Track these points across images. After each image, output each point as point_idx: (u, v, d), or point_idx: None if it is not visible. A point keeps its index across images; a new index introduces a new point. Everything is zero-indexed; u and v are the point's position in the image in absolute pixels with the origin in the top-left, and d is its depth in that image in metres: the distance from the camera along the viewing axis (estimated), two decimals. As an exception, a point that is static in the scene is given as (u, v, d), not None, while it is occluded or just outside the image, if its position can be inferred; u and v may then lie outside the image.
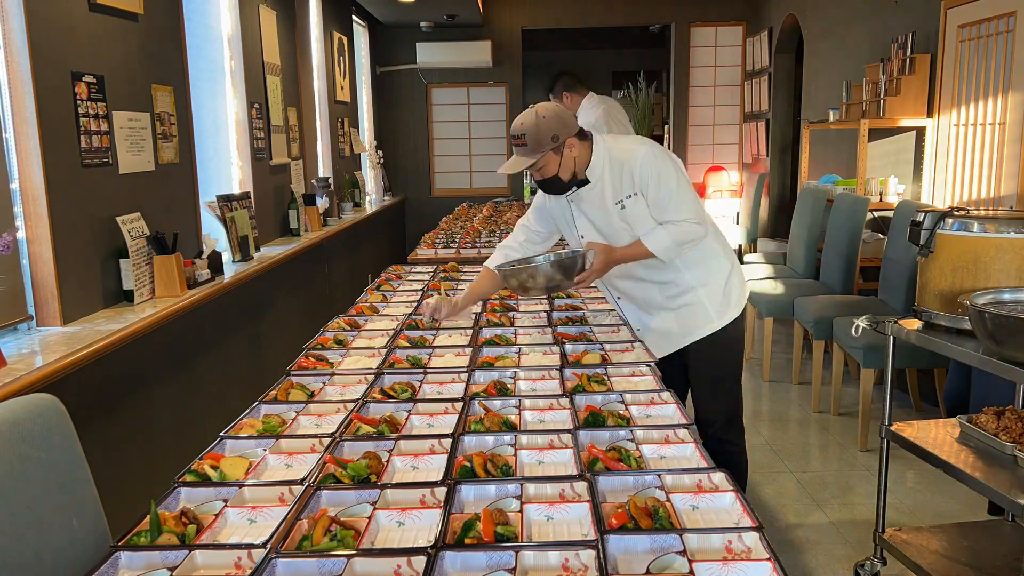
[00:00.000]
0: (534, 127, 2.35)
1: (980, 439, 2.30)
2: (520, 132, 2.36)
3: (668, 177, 2.41)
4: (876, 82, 5.02)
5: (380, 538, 1.39)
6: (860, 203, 4.54)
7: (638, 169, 2.41)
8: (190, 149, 3.59)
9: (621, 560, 1.29)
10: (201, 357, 3.38)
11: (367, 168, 7.81)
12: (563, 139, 2.37)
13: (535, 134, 2.35)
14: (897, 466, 3.48)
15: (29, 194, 2.50)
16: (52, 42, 2.57)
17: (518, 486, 1.50)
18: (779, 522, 3.06)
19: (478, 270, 3.70)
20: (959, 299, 2.24)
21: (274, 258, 4.10)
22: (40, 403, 1.45)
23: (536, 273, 2.42)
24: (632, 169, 2.42)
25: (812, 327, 4.20)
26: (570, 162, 2.41)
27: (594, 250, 2.44)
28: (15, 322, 2.45)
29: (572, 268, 2.42)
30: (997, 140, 4.15)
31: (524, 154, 2.38)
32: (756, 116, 8.27)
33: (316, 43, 5.94)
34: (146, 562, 1.28)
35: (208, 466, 1.61)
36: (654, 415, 1.88)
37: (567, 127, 2.38)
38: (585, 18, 8.53)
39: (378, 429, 1.78)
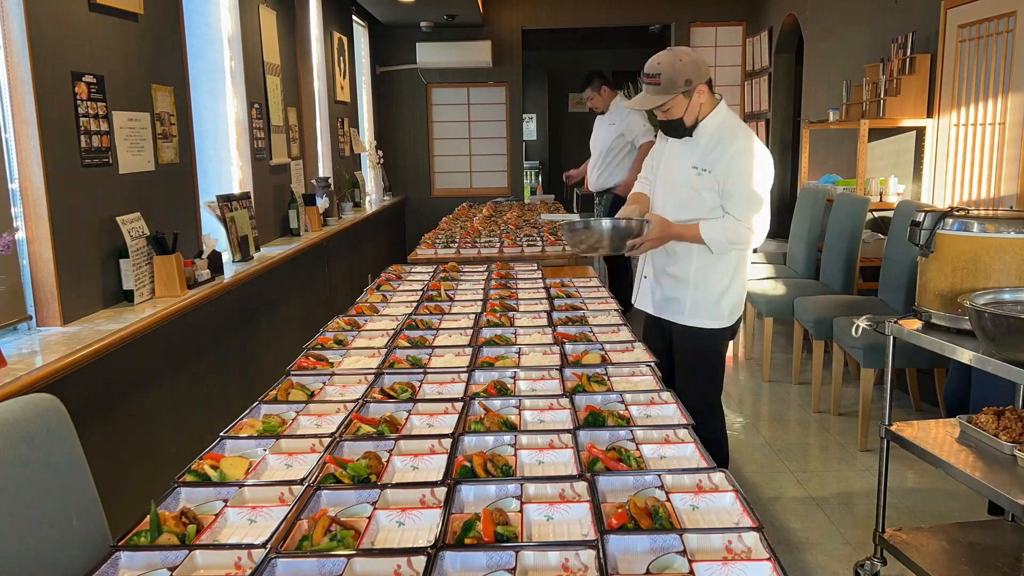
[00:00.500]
0: (671, 67, 2.44)
1: (980, 439, 2.30)
2: (656, 71, 2.44)
3: (751, 177, 2.52)
4: (876, 82, 5.02)
5: (380, 538, 1.39)
6: (860, 203, 4.54)
7: (733, 156, 2.52)
8: (190, 149, 3.59)
9: (621, 560, 1.29)
10: (201, 357, 3.38)
11: (367, 168, 7.81)
12: (695, 84, 2.47)
13: (671, 74, 2.43)
14: (897, 466, 3.48)
15: (29, 194, 2.50)
16: (52, 42, 2.57)
17: (518, 486, 1.50)
18: (779, 522, 3.06)
19: (478, 270, 3.71)
20: (959, 299, 2.24)
21: (274, 258, 4.10)
22: (40, 403, 1.45)
23: (604, 237, 2.56)
24: (727, 150, 2.52)
25: (812, 327, 4.20)
26: (696, 108, 2.52)
27: (652, 222, 2.54)
28: (15, 322, 2.45)
29: (630, 234, 2.54)
30: (997, 140, 4.15)
31: (656, 92, 2.47)
32: (756, 116, 8.27)
33: (316, 43, 5.94)
34: (146, 562, 1.28)
35: (208, 466, 1.61)
36: (654, 415, 1.88)
37: (701, 73, 2.48)
38: (585, 18, 8.53)
39: (378, 429, 1.78)
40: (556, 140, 12.94)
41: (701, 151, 2.57)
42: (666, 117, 2.55)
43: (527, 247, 4.39)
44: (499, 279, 3.48)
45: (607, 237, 2.58)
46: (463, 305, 3.00)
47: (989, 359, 2.08)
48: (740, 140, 2.55)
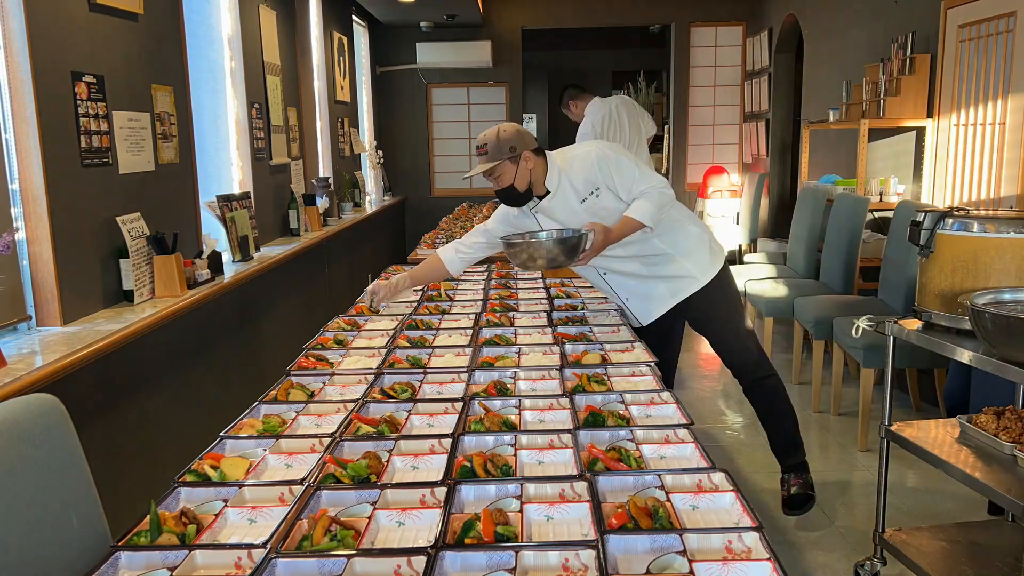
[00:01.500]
0: (495, 138, 2.62)
1: (980, 439, 2.30)
2: (482, 142, 2.64)
3: (624, 162, 2.67)
4: (876, 82, 5.02)
5: (380, 538, 1.39)
6: (860, 203, 4.54)
7: (597, 167, 2.65)
8: (190, 149, 3.59)
9: (621, 560, 1.29)
10: (201, 357, 3.38)
11: (367, 168, 7.81)
12: (520, 151, 2.62)
13: (495, 144, 2.61)
14: (897, 466, 3.48)
15: (29, 194, 2.50)
16: (52, 42, 2.57)
17: (518, 486, 1.50)
18: (779, 522, 3.06)
19: (478, 270, 3.70)
20: (959, 299, 2.24)
21: (274, 258, 4.10)
22: (40, 403, 1.45)
23: (541, 249, 2.59)
24: (591, 169, 2.66)
25: (812, 327, 4.20)
26: (526, 173, 2.64)
27: (594, 231, 2.58)
28: (15, 322, 2.44)
29: (576, 247, 2.57)
30: (997, 140, 4.15)
31: (484, 161, 2.63)
32: (756, 116, 8.27)
33: (316, 43, 5.94)
34: (146, 562, 1.28)
35: (208, 466, 1.61)
36: (654, 415, 1.88)
37: (525, 142, 2.63)
38: (585, 18, 8.53)
39: (378, 429, 1.79)
40: (556, 140, 12.93)
41: (573, 190, 2.68)
42: (499, 185, 2.66)
43: (527, 247, 4.38)
44: (499, 279, 3.48)
45: (548, 251, 2.58)
46: (463, 305, 3.00)
47: (989, 359, 2.08)
48: (590, 153, 2.69)
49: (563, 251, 2.56)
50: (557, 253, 2.56)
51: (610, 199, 2.67)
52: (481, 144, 2.65)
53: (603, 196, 2.67)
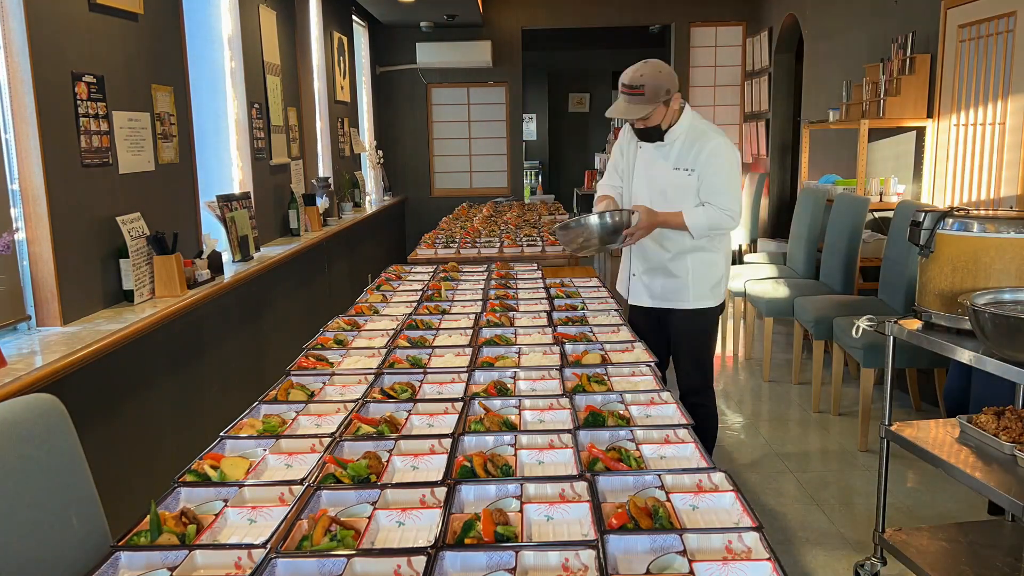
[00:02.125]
0: (654, 79, 2.63)
1: (980, 439, 2.30)
2: (639, 83, 2.63)
3: (727, 170, 2.78)
4: (876, 82, 5.02)
5: (380, 538, 1.38)
6: (860, 203, 4.54)
7: (709, 153, 2.75)
8: (190, 149, 3.59)
9: (621, 560, 1.29)
10: (201, 357, 3.38)
11: (367, 168, 7.81)
12: (672, 94, 2.69)
13: (654, 86, 2.63)
14: (897, 466, 3.48)
15: (29, 194, 2.49)
16: (52, 42, 2.57)
17: (518, 486, 1.50)
18: (779, 522, 3.06)
19: (478, 270, 3.71)
20: (959, 299, 2.24)
21: (274, 258, 4.10)
22: (40, 403, 1.45)
23: (593, 232, 2.68)
24: (703, 149, 2.75)
25: (812, 327, 4.20)
26: (672, 115, 2.74)
27: (639, 212, 2.70)
28: (15, 322, 2.44)
29: (621, 226, 2.66)
30: (997, 140, 4.15)
31: (640, 103, 2.66)
32: (756, 116, 8.27)
33: (316, 43, 5.94)
34: (146, 562, 1.28)
35: (208, 466, 1.61)
36: (654, 415, 1.88)
37: (675, 84, 2.72)
38: (585, 18, 8.53)
39: (378, 429, 1.78)
40: (556, 140, 12.94)
41: (677, 153, 2.79)
42: (645, 125, 2.74)
43: (527, 247, 4.39)
44: (499, 279, 3.48)
45: (598, 232, 2.69)
46: (463, 305, 3.00)
47: (989, 359, 2.08)
48: (713, 138, 2.78)
49: (608, 229, 2.66)
50: (600, 231, 2.66)
51: (690, 183, 2.77)
52: (636, 84, 2.63)
53: (688, 177, 2.76)
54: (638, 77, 2.64)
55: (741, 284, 5.10)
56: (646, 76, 2.63)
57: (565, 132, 12.96)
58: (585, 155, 12.79)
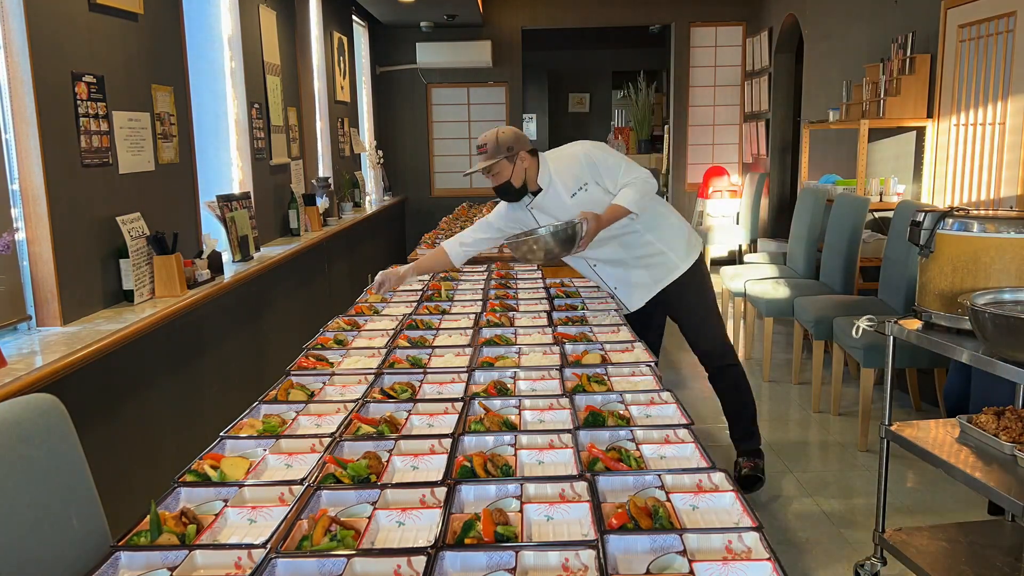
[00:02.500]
0: (494, 139, 2.88)
1: (980, 439, 2.30)
2: (483, 142, 2.90)
3: (609, 156, 2.93)
4: (876, 82, 5.02)
5: (380, 538, 1.38)
6: (860, 203, 4.54)
7: (585, 163, 2.90)
8: (190, 149, 3.59)
9: (621, 560, 1.29)
10: (201, 357, 3.38)
11: (367, 168, 7.81)
12: (516, 151, 2.87)
13: (494, 144, 2.87)
14: (897, 466, 3.48)
15: (29, 194, 2.50)
16: (52, 42, 2.57)
17: (518, 486, 1.50)
18: (779, 522, 3.06)
19: (478, 270, 3.71)
20: (959, 299, 2.24)
21: (274, 258, 4.10)
22: (40, 403, 1.45)
23: (539, 243, 2.79)
24: (579, 165, 2.90)
25: (812, 327, 4.20)
26: (521, 171, 2.90)
27: (586, 219, 2.78)
28: (15, 322, 2.45)
29: (573, 237, 2.77)
30: (997, 140, 4.15)
31: (484, 159, 2.88)
32: (756, 116, 8.27)
33: (316, 43, 5.94)
34: (146, 562, 1.28)
35: (208, 466, 1.61)
36: (654, 415, 1.88)
37: (520, 143, 2.89)
38: (585, 18, 8.53)
39: (378, 429, 1.78)
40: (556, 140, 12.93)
41: (563, 185, 2.91)
42: (497, 181, 2.91)
43: (527, 247, 4.38)
44: (499, 279, 3.48)
45: (551, 243, 2.78)
46: (463, 305, 3.00)
47: (989, 359, 2.08)
48: (577, 151, 2.95)
49: (560, 242, 2.76)
50: (555, 244, 2.77)
51: (598, 192, 2.90)
52: (481, 144, 2.90)
53: (591, 190, 2.90)
54: (482, 138, 2.92)
55: (741, 284, 5.10)
56: (487, 137, 2.90)
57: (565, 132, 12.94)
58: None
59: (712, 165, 8.70)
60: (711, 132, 8.75)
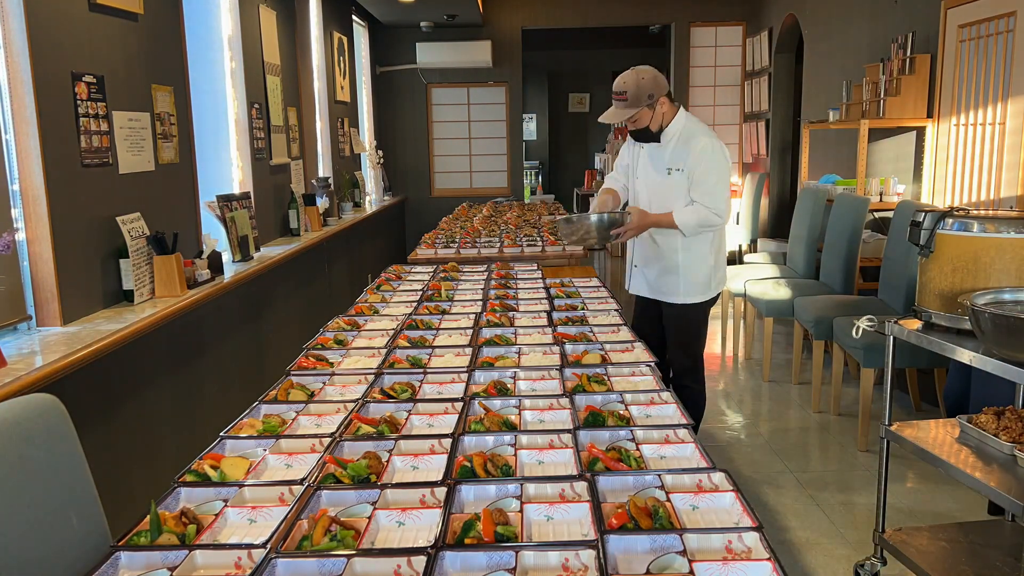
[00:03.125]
0: (635, 85, 2.88)
1: (980, 439, 2.30)
2: (622, 89, 2.89)
3: (715, 171, 2.96)
4: (876, 82, 5.02)
5: (380, 538, 1.38)
6: (860, 203, 4.54)
7: (697, 153, 2.94)
8: (190, 149, 3.59)
9: (621, 560, 1.29)
10: (201, 357, 3.38)
11: (367, 168, 7.81)
12: (657, 98, 2.91)
13: (635, 91, 2.88)
14: (897, 466, 3.48)
15: (29, 194, 2.50)
16: (52, 42, 2.57)
17: (518, 486, 1.50)
18: (779, 522, 3.06)
19: (478, 270, 3.71)
20: (959, 299, 2.24)
21: (274, 258, 4.10)
22: (40, 403, 1.45)
23: (591, 228, 2.98)
24: (693, 150, 2.95)
25: (812, 327, 4.20)
26: (659, 117, 2.96)
27: (632, 213, 2.97)
28: (15, 322, 2.44)
29: (617, 224, 2.96)
30: (997, 141, 4.15)
31: (624, 107, 2.90)
32: (756, 116, 8.27)
33: (316, 43, 5.94)
34: (146, 562, 1.28)
35: (208, 466, 1.61)
36: (654, 415, 1.88)
37: (660, 88, 2.92)
38: (585, 18, 8.53)
39: (378, 429, 1.78)
40: (556, 140, 12.94)
41: (670, 153, 3.01)
42: (635, 126, 2.99)
43: (527, 247, 4.39)
44: (499, 279, 3.48)
45: (596, 228, 2.98)
46: (463, 305, 3.00)
47: (989, 359, 2.08)
48: (703, 139, 2.97)
49: (604, 227, 2.97)
50: (596, 229, 2.97)
51: (683, 183, 2.99)
52: (620, 91, 2.90)
53: (680, 177, 2.98)
54: (621, 84, 2.90)
55: (741, 284, 5.10)
56: (628, 82, 2.88)
57: (565, 132, 12.95)
58: (585, 155, 12.79)
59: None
60: (711, 132, 8.74)
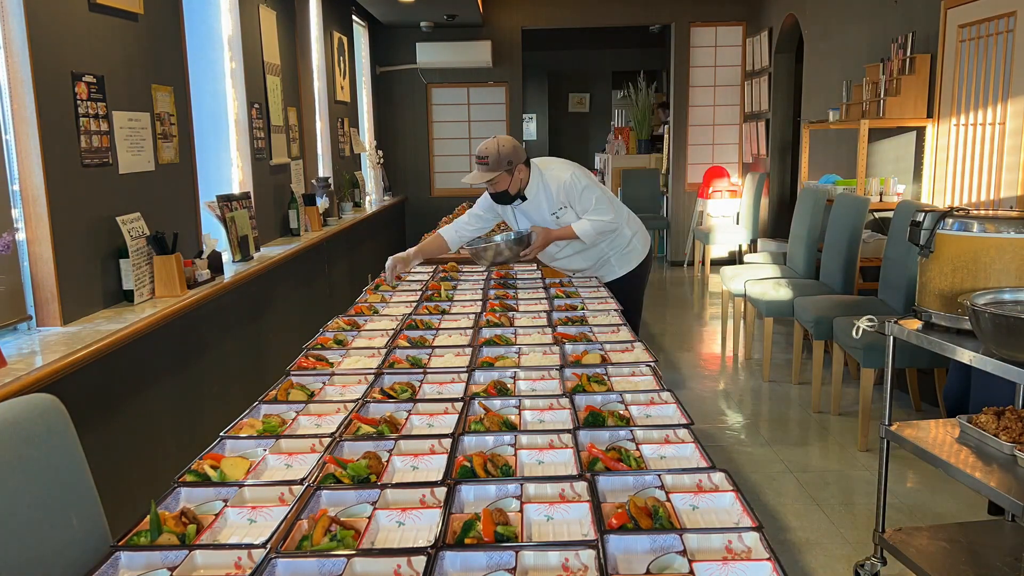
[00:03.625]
0: (496, 152, 3.20)
1: (980, 439, 2.30)
2: (484, 154, 3.21)
3: (588, 193, 3.35)
4: (876, 82, 5.02)
5: (380, 538, 1.38)
6: (860, 203, 4.54)
7: (565, 191, 3.33)
8: (190, 149, 3.59)
9: (621, 560, 1.29)
10: (201, 357, 3.38)
11: (367, 168, 7.81)
12: (515, 164, 3.24)
13: (496, 158, 3.20)
14: (897, 466, 3.48)
15: (29, 194, 2.50)
16: (52, 42, 2.57)
17: (518, 486, 1.50)
18: (779, 522, 3.06)
19: (478, 270, 3.71)
20: (959, 299, 2.24)
21: (274, 258, 4.10)
22: (40, 403, 1.45)
23: (500, 249, 3.41)
24: (560, 190, 3.33)
25: (812, 327, 4.20)
26: (518, 182, 3.29)
27: (536, 232, 3.38)
28: (15, 322, 2.45)
29: (522, 244, 3.38)
30: (997, 141, 4.15)
31: (485, 171, 3.22)
32: (756, 116, 8.27)
33: (316, 43, 5.94)
34: (146, 562, 1.28)
35: (208, 466, 1.61)
36: (654, 415, 1.88)
37: (518, 156, 3.26)
38: (585, 18, 8.53)
39: (378, 429, 1.78)
40: (556, 140, 12.94)
41: (547, 201, 3.36)
42: (495, 190, 3.30)
43: (527, 247, 4.38)
44: (499, 279, 3.48)
45: (505, 247, 3.39)
46: (463, 305, 3.00)
47: (989, 359, 2.08)
48: (560, 175, 3.34)
49: (512, 246, 3.37)
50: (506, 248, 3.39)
51: (572, 216, 3.38)
52: (483, 156, 3.21)
53: (568, 213, 3.37)
54: (483, 149, 3.22)
55: (741, 284, 5.10)
56: (489, 149, 3.20)
57: (565, 132, 12.94)
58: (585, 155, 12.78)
59: (712, 165, 8.70)
60: (711, 132, 8.76)
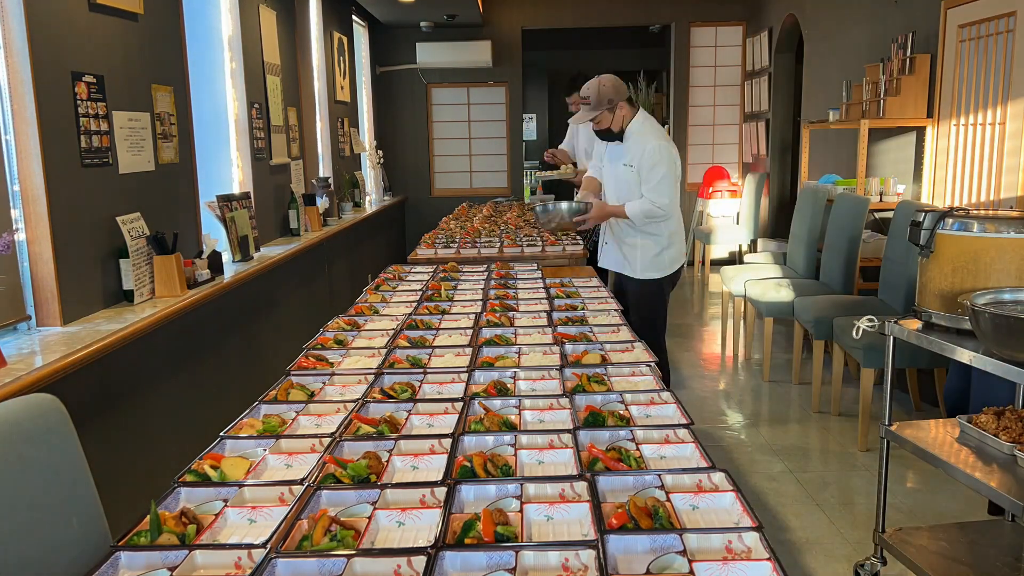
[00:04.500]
0: (596, 91, 3.46)
1: (980, 439, 2.30)
2: (586, 94, 3.48)
3: (658, 169, 3.47)
4: (876, 82, 5.02)
5: (380, 538, 1.38)
6: (860, 203, 4.54)
7: (648, 153, 3.46)
8: (190, 149, 3.59)
9: (621, 560, 1.29)
10: (201, 357, 3.38)
11: (367, 168, 7.81)
12: (616, 102, 3.47)
13: (596, 97, 3.45)
14: (897, 466, 3.48)
15: (29, 194, 2.50)
16: (52, 42, 2.57)
17: (518, 486, 1.50)
18: (779, 522, 3.06)
19: (478, 270, 3.71)
20: (959, 299, 2.24)
21: (274, 258, 4.10)
22: (40, 403, 1.45)
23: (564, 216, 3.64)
24: (645, 150, 3.46)
25: (812, 327, 4.20)
26: (619, 119, 3.52)
27: (593, 204, 3.59)
28: (15, 322, 2.45)
29: (580, 212, 3.61)
30: (997, 141, 4.15)
31: (588, 110, 3.47)
32: (756, 116, 8.27)
33: (316, 43, 5.94)
34: (146, 562, 1.28)
35: (208, 466, 1.61)
36: (654, 415, 1.88)
37: (620, 93, 3.49)
38: (585, 18, 8.53)
39: (378, 429, 1.78)
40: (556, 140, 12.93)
41: (628, 151, 3.54)
42: (598, 127, 3.54)
43: (527, 247, 4.39)
44: (499, 279, 3.48)
45: (567, 214, 3.63)
46: (463, 305, 3.00)
47: (989, 359, 2.08)
48: (653, 141, 3.47)
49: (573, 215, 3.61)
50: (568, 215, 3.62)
51: (635, 176, 3.52)
52: (585, 95, 3.47)
53: (632, 172, 3.52)
54: (585, 89, 3.47)
55: (741, 284, 5.10)
56: (590, 88, 3.45)
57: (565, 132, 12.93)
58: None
59: (712, 166, 8.70)
60: (711, 132, 8.76)
